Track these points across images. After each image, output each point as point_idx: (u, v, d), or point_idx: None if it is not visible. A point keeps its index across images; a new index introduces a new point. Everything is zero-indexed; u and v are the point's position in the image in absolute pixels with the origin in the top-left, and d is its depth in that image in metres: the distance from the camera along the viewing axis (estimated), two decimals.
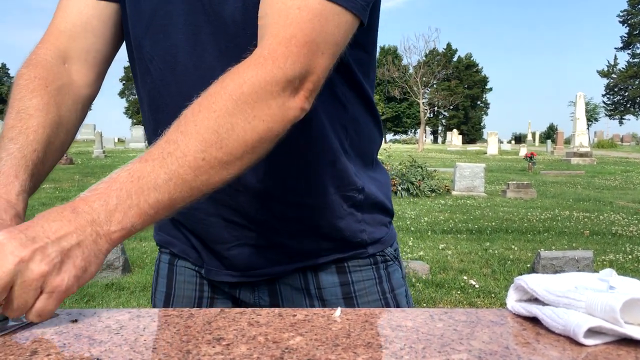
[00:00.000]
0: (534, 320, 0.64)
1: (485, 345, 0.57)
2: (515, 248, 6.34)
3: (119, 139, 43.50)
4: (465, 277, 5.06)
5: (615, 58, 72.61)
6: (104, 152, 21.00)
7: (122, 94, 75.16)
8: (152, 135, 0.90)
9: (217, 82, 0.70)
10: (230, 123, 0.67)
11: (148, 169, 0.66)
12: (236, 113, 0.67)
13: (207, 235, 0.93)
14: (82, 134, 40.41)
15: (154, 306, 1.03)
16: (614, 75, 65.10)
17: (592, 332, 0.57)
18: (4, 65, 70.72)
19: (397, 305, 0.96)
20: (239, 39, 0.80)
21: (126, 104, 74.94)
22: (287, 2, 0.70)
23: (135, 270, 5.23)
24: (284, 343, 0.58)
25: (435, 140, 71.15)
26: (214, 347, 0.56)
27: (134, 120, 66.77)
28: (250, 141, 0.68)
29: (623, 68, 64.91)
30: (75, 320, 0.65)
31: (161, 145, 0.67)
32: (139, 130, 30.97)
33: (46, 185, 12.29)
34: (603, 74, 67.12)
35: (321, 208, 0.90)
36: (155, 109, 0.90)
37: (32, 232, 0.60)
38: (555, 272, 4.92)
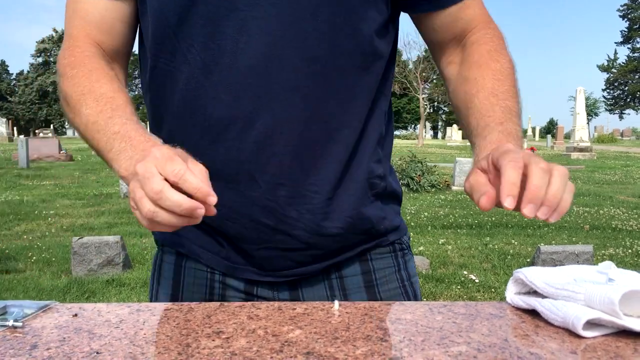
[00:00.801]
0: (533, 313, 0.64)
1: (484, 337, 0.57)
2: (515, 243, 6.35)
3: None
4: (465, 272, 5.06)
5: (615, 52, 72.37)
6: None
7: None
8: (174, 128, 0.88)
9: (490, 60, 0.91)
10: (516, 80, 0.91)
11: (509, 127, 0.82)
12: (514, 73, 0.91)
13: (235, 234, 0.90)
14: None
15: None
16: (614, 70, 65.00)
17: (591, 324, 0.57)
18: (3, 62, 70.69)
19: (414, 293, 0.99)
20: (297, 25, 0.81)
21: None
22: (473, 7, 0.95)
23: (135, 266, 5.24)
24: (283, 336, 0.58)
25: (435, 136, 71.10)
26: (213, 340, 0.57)
27: None
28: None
29: (623, 62, 64.82)
30: (76, 315, 0.65)
31: (500, 111, 0.85)
32: None
33: (46, 181, 12.29)
34: (603, 68, 67.02)
35: (351, 197, 0.90)
36: (192, 99, 0.85)
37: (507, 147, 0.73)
38: (555, 266, 4.92)
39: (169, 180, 0.61)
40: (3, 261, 5.40)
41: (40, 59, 66.23)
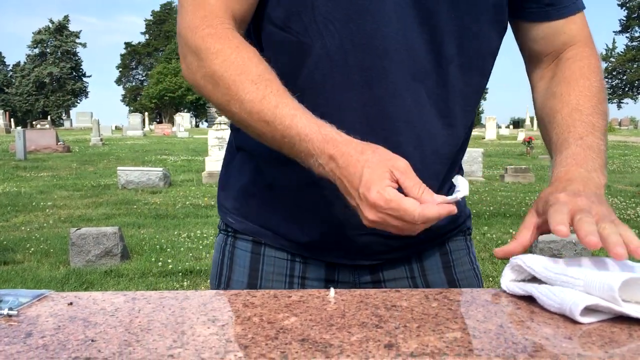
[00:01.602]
0: (529, 300, 0.64)
1: (480, 324, 0.57)
2: (514, 232, 6.35)
3: (116, 127, 43.37)
4: None
5: (614, 42, 72.38)
6: (101, 140, 20.94)
7: (119, 81, 74.79)
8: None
9: (581, 77, 0.90)
10: (605, 101, 0.90)
11: (589, 141, 0.82)
12: (603, 91, 0.90)
13: (343, 220, 0.86)
14: (79, 122, 40.35)
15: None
16: (612, 59, 64.86)
17: (588, 310, 0.57)
18: (0, 53, 70.34)
19: (479, 276, 1.02)
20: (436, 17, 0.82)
21: (123, 92, 74.63)
22: (579, 24, 0.95)
23: (134, 257, 5.24)
24: (278, 323, 0.58)
25: None
26: (208, 327, 0.57)
27: (131, 108, 66.51)
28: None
29: (621, 52, 64.67)
30: (71, 303, 0.65)
31: (582, 126, 0.84)
32: (136, 118, 30.86)
33: (44, 173, 12.27)
34: (602, 57, 66.71)
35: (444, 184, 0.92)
36: (320, 77, 0.81)
37: (571, 190, 0.73)
38: (553, 255, 4.94)
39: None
40: (1, 252, 5.40)
41: (36, 50, 65.90)
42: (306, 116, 0.72)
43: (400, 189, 0.68)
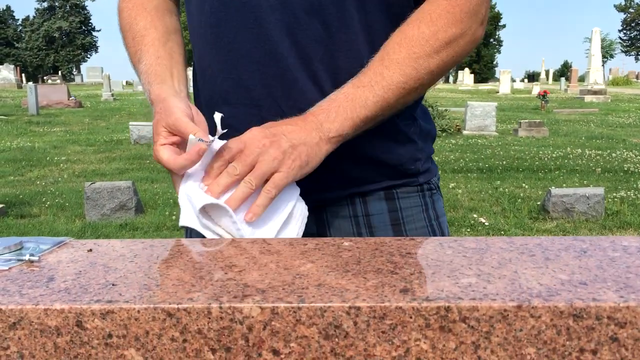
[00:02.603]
0: (543, 248, 0.64)
1: (494, 270, 0.57)
2: (526, 186, 6.34)
3: (127, 82, 43.22)
4: (475, 215, 5.09)
5: None
6: (112, 95, 20.92)
7: None
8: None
9: (411, 24, 0.84)
10: (428, 63, 0.83)
11: (359, 93, 0.82)
12: (433, 56, 0.83)
13: None
14: (90, 77, 40.19)
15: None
16: (631, 10, 62.99)
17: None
18: (8, 7, 69.71)
19: (442, 232, 1.00)
20: None
21: None
22: None
23: (148, 211, 5.31)
24: (295, 269, 0.58)
25: (446, 80, 70.01)
26: (226, 273, 0.57)
27: None
28: (442, 72, 0.86)
29: None
30: (90, 250, 0.66)
31: (369, 75, 0.83)
32: None
33: (56, 128, 12.34)
34: (620, 8, 64.95)
35: (383, 132, 0.91)
36: (215, 24, 0.90)
37: (273, 130, 0.80)
38: (566, 209, 4.93)
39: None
40: (18, 206, 5.49)
41: (45, 4, 65.24)
42: (154, 74, 0.89)
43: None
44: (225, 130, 0.80)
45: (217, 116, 0.80)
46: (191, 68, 1.00)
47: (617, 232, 4.70)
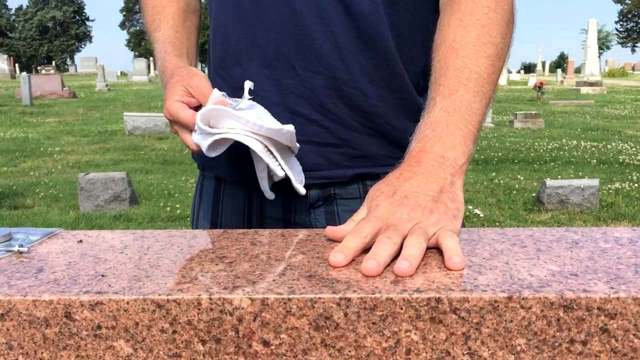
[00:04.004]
0: (535, 239, 0.64)
1: (486, 261, 0.57)
2: (521, 178, 6.35)
3: (121, 72, 43.00)
4: (470, 207, 5.10)
5: None
6: (106, 85, 20.80)
7: (122, 25, 73.59)
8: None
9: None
10: (499, 31, 0.77)
11: (459, 100, 0.72)
12: (499, 22, 0.77)
13: None
14: (84, 68, 39.96)
15: None
16: (628, 1, 62.97)
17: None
18: None
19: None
20: None
21: (127, 36, 73.51)
22: None
23: (142, 202, 5.30)
24: (286, 261, 0.58)
25: None
26: (217, 264, 0.57)
27: (136, 53, 65.69)
28: (510, 39, 0.79)
29: None
30: (80, 241, 0.66)
31: (454, 76, 0.74)
32: (142, 63, 30.55)
33: (50, 119, 12.27)
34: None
35: (399, 107, 0.88)
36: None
37: (401, 192, 0.66)
38: (561, 200, 4.94)
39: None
40: (11, 197, 5.47)
41: None
42: (172, 45, 0.90)
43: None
44: (251, 97, 0.78)
45: (247, 84, 0.78)
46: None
47: (612, 223, 4.71)
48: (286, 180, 0.81)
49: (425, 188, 0.66)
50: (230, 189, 0.96)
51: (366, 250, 0.59)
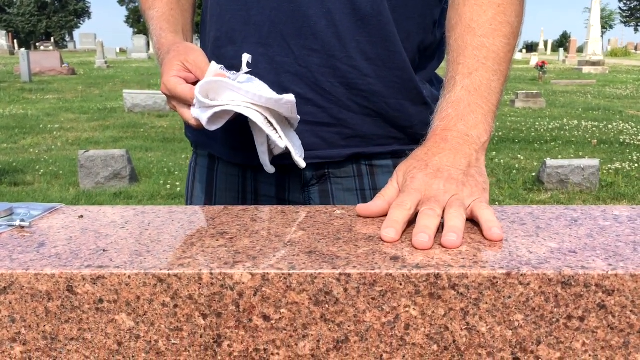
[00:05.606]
0: (534, 217, 0.64)
1: (485, 238, 0.58)
2: (522, 157, 6.35)
3: (120, 49, 42.69)
4: None
5: None
6: (106, 62, 20.67)
7: (121, 1, 72.84)
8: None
9: None
10: (514, 10, 0.78)
11: (478, 79, 0.74)
12: (513, 1, 0.78)
13: None
14: (83, 44, 39.64)
15: None
16: None
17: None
18: None
19: None
20: None
21: (127, 13, 72.81)
22: None
23: (142, 179, 5.30)
24: (286, 237, 0.58)
25: None
26: (217, 240, 0.57)
27: (135, 30, 65.13)
28: (522, 17, 0.80)
29: None
30: (82, 216, 0.66)
31: (473, 55, 0.75)
32: (141, 40, 30.32)
33: (49, 95, 12.22)
34: None
35: (396, 85, 0.87)
36: None
37: (434, 166, 0.67)
38: (560, 180, 4.95)
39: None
40: (11, 174, 5.47)
41: None
42: (168, 22, 0.90)
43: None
44: (249, 70, 0.78)
45: (245, 57, 0.78)
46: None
47: (611, 203, 4.72)
48: (280, 158, 0.81)
49: (455, 163, 0.67)
50: (224, 167, 0.96)
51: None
